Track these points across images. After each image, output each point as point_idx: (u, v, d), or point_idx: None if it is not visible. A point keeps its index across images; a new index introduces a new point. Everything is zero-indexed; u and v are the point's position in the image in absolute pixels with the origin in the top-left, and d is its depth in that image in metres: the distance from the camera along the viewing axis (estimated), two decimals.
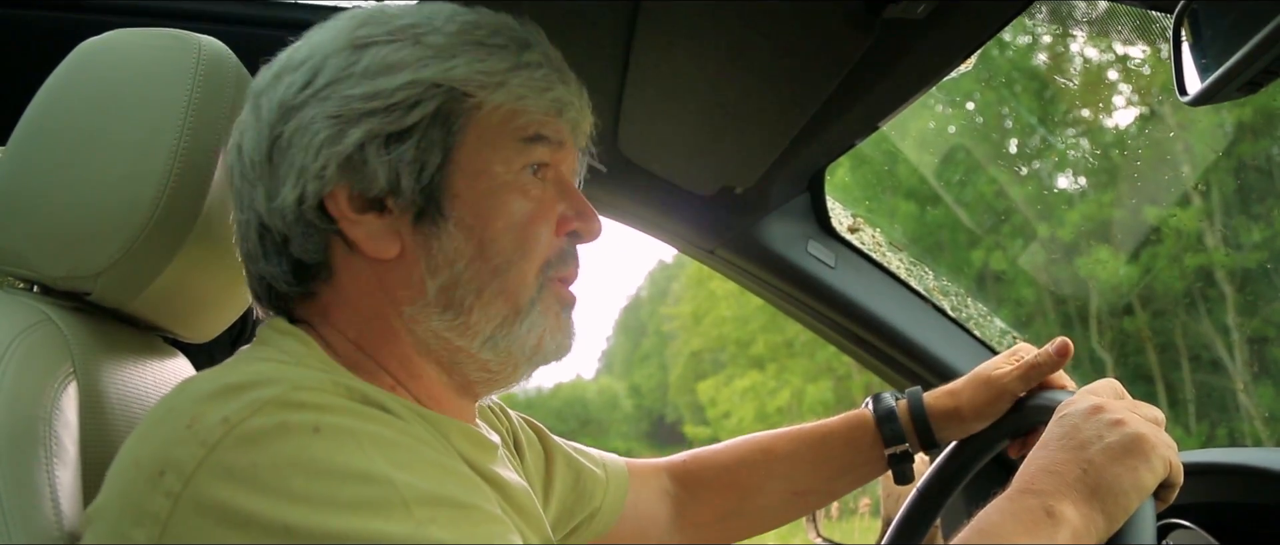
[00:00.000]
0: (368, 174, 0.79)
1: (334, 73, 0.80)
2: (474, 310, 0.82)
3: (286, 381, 0.69)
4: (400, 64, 0.80)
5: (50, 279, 0.89)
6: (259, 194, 0.82)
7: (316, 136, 0.78)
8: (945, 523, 1.74)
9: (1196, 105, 0.83)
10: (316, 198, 0.79)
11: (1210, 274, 8.99)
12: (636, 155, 1.44)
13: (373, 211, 0.81)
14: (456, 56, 0.81)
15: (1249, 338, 8.71)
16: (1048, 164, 10.33)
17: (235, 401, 0.66)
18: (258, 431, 0.65)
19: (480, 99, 0.82)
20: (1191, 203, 8.83)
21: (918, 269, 1.73)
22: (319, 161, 0.78)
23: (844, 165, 1.55)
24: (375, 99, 0.79)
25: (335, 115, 0.78)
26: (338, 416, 0.67)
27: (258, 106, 0.83)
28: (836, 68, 1.04)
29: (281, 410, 0.66)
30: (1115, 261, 9.52)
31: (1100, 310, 9.67)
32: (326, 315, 0.84)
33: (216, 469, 0.63)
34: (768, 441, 1.28)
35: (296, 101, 0.80)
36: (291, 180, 0.79)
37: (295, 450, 0.64)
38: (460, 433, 0.85)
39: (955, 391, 1.20)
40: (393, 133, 0.79)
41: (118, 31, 0.95)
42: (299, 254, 0.82)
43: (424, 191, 0.80)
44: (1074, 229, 9.81)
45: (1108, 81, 9.08)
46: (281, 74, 0.83)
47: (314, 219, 0.80)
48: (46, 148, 0.89)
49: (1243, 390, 8.63)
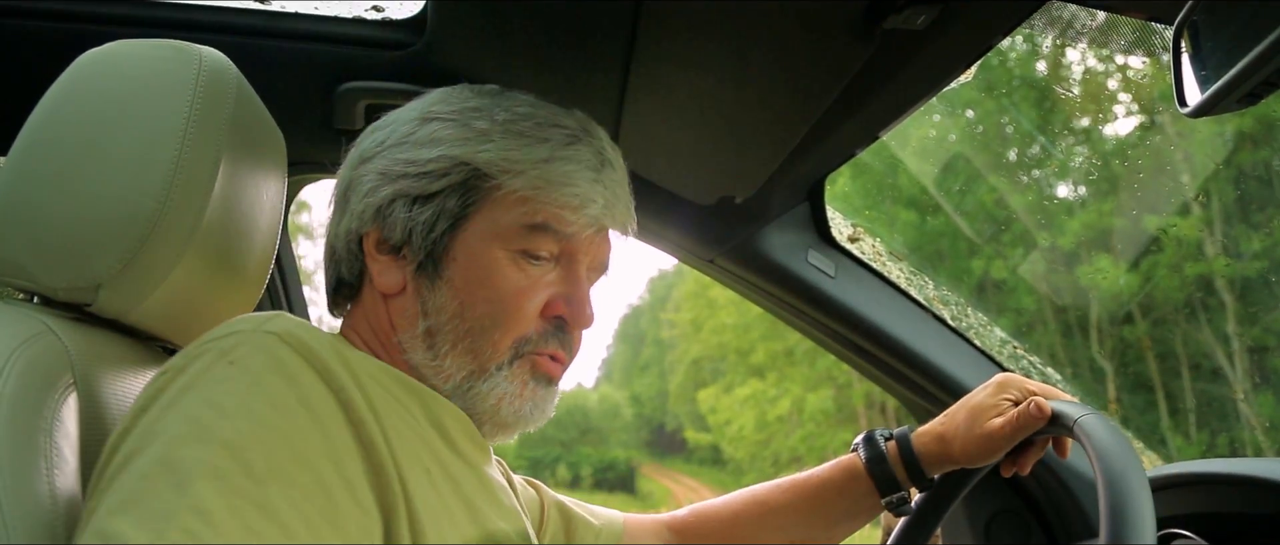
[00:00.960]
0: (391, 224, 0.95)
1: (398, 137, 0.96)
2: (448, 358, 0.95)
3: (259, 325, 0.81)
4: (442, 140, 0.94)
5: (51, 290, 0.89)
6: (334, 221, 1.00)
7: (366, 186, 0.96)
8: (945, 532, 1.74)
9: (1196, 117, 0.83)
10: (358, 234, 0.97)
11: (1210, 283, 9.00)
12: (636, 165, 1.44)
13: (391, 255, 0.96)
14: (490, 142, 0.94)
15: (1249, 346, 8.72)
16: (1048, 173, 10.34)
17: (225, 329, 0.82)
18: (205, 349, 0.79)
19: (500, 182, 0.94)
20: (1192, 212, 8.84)
21: (918, 278, 1.73)
22: (361, 206, 0.96)
23: (844, 174, 1.56)
24: (412, 165, 0.94)
25: (382, 172, 0.95)
26: (263, 355, 0.79)
27: (352, 153, 1.01)
28: (837, 78, 1.04)
29: (231, 338, 0.80)
30: (1115, 270, 9.52)
31: (1100, 319, 9.67)
32: (349, 321, 1.01)
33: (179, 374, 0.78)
34: (764, 494, 1.30)
35: (369, 154, 0.98)
36: (348, 216, 0.97)
37: (203, 372, 0.77)
38: (457, 420, 0.95)
39: (947, 439, 1.19)
40: (418, 195, 0.94)
41: (118, 43, 0.95)
42: (343, 273, 1.00)
43: (427, 249, 0.95)
44: (1074, 238, 9.82)
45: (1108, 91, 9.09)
46: (377, 129, 1.00)
47: (354, 249, 0.98)
48: (47, 158, 0.89)
49: (1243, 399, 8.63)
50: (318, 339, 0.83)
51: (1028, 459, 1.20)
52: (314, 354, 0.80)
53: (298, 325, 0.83)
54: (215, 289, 1.00)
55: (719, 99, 1.18)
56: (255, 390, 0.76)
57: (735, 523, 1.29)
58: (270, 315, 0.83)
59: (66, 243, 0.87)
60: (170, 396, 0.75)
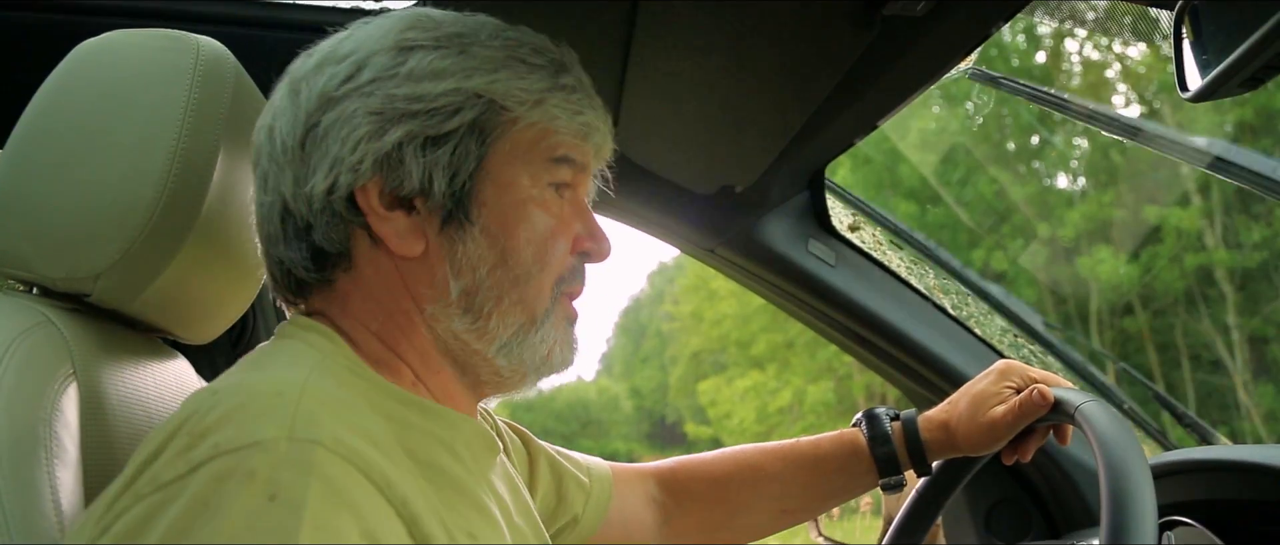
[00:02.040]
0: (402, 173, 0.81)
1: (378, 70, 0.82)
2: (493, 316, 0.84)
3: (291, 424, 0.66)
4: (445, 71, 0.82)
5: (50, 281, 0.88)
6: (287, 178, 0.83)
7: (356, 130, 0.80)
8: (946, 521, 1.74)
9: (1197, 101, 0.83)
10: (348, 189, 0.81)
11: (1210, 274, 9.01)
12: (636, 154, 1.44)
13: (401, 209, 0.83)
14: (500, 70, 0.83)
15: (1249, 337, 8.73)
16: (1047, 163, 10.33)
17: (237, 428, 0.65)
18: (226, 471, 0.62)
19: (517, 114, 0.84)
20: (1192, 202, 8.84)
21: (918, 267, 1.73)
22: (356, 155, 0.80)
23: (844, 165, 1.56)
24: (418, 102, 0.81)
25: (377, 112, 0.81)
26: (304, 489, 0.63)
27: (296, 92, 0.84)
28: (836, 66, 1.04)
29: (262, 456, 0.63)
30: (1115, 261, 9.52)
31: (1101, 310, 9.68)
32: (346, 306, 0.85)
33: (182, 492, 0.62)
34: (759, 460, 1.28)
35: (338, 93, 0.82)
36: (324, 169, 0.81)
37: (237, 511, 0.61)
38: (473, 431, 0.87)
39: (951, 427, 1.19)
40: (431, 136, 0.81)
41: (116, 32, 0.94)
42: (321, 242, 0.83)
43: (454, 196, 0.82)
44: (1074, 229, 9.82)
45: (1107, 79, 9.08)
46: (324, 64, 0.84)
47: (341, 209, 0.82)
48: (45, 149, 0.89)
49: (1243, 389, 8.63)
50: (363, 426, 0.70)
51: (1029, 447, 1.20)
52: (372, 464, 0.67)
53: (336, 416, 0.69)
54: (215, 280, 1.00)
55: (718, 88, 1.17)
56: (315, 531, 0.60)
57: (726, 484, 1.27)
58: (294, 407, 0.67)
59: (65, 233, 0.87)
60: (169, 523, 0.61)
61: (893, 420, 1.23)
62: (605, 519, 1.21)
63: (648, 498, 1.27)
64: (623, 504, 1.24)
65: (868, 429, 1.23)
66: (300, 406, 0.67)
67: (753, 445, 1.30)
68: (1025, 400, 1.12)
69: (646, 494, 1.27)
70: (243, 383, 0.72)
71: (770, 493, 1.26)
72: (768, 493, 1.26)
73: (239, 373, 0.78)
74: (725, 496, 1.27)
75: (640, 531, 1.26)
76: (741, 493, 1.27)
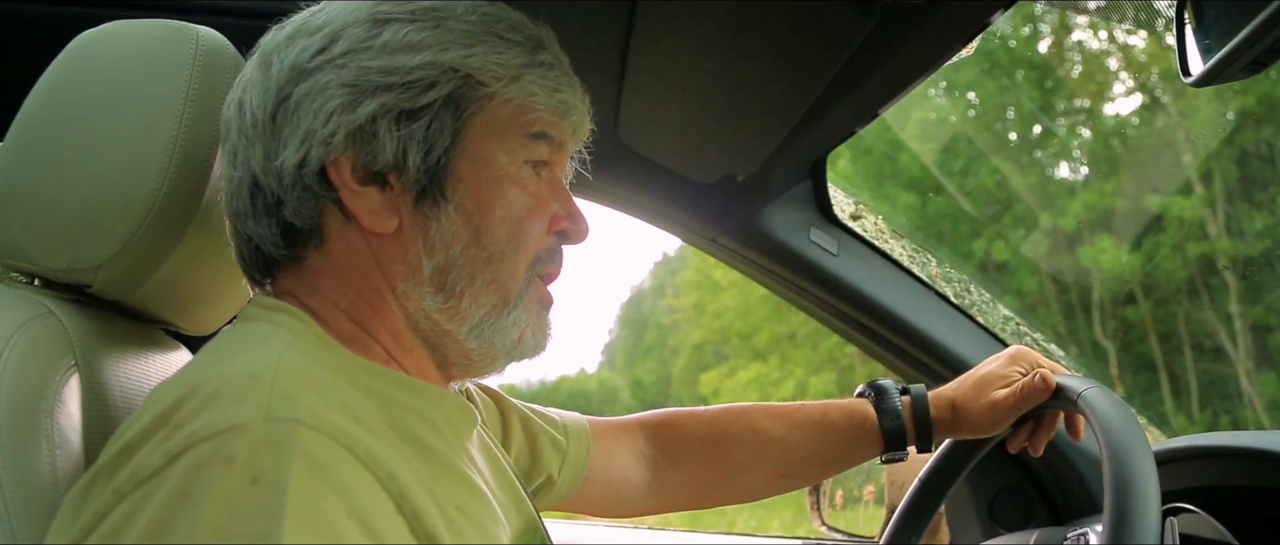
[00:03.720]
0: (375, 147, 0.79)
1: (352, 42, 0.80)
2: (465, 296, 0.83)
3: (267, 405, 0.64)
4: (421, 44, 0.80)
5: (51, 272, 0.88)
6: (257, 152, 0.81)
7: (329, 103, 0.79)
8: (949, 509, 1.74)
9: (1200, 86, 0.83)
10: (319, 163, 0.79)
11: (1213, 262, 8.99)
12: (637, 143, 1.44)
13: (374, 185, 0.81)
14: (476, 45, 0.82)
15: (1251, 325, 8.72)
16: (1049, 152, 10.31)
17: (211, 414, 0.64)
18: (206, 458, 0.61)
19: (494, 90, 0.82)
20: (1194, 191, 8.82)
21: (920, 256, 1.73)
22: (329, 127, 0.79)
23: (845, 156, 1.55)
24: (393, 74, 0.79)
25: (350, 84, 0.79)
26: (286, 469, 0.61)
27: (267, 64, 0.83)
28: (837, 53, 1.04)
29: (241, 440, 0.62)
30: (1118, 250, 9.51)
31: (1103, 299, 9.67)
32: (315, 285, 0.83)
33: (161, 484, 0.61)
34: (763, 421, 1.26)
35: (310, 65, 0.80)
36: (295, 142, 0.79)
37: (222, 496, 0.59)
38: (453, 404, 0.86)
39: (958, 406, 1.19)
40: (406, 110, 0.79)
41: (115, 23, 0.94)
42: (291, 217, 0.81)
43: (428, 172, 0.81)
44: (1076, 218, 9.80)
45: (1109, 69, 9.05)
46: (295, 36, 0.83)
47: (313, 184, 0.80)
48: (45, 140, 0.89)
49: (1245, 377, 8.63)
50: (343, 401, 0.69)
51: (1039, 438, 1.19)
52: (356, 439, 0.66)
53: (314, 392, 0.67)
54: (216, 270, 1.00)
55: (719, 76, 1.17)
56: (301, 526, 0.59)
57: (725, 442, 1.25)
58: (269, 387, 0.65)
59: (65, 224, 0.87)
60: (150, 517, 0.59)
61: (902, 394, 1.22)
62: (585, 477, 1.19)
63: (635, 453, 1.25)
64: (605, 461, 1.21)
65: (877, 402, 1.22)
66: (276, 386, 0.66)
67: (754, 404, 1.28)
68: (1027, 385, 1.12)
69: (634, 449, 1.25)
70: (214, 369, 0.70)
71: (772, 455, 1.25)
72: (769, 455, 1.25)
73: (207, 358, 0.76)
74: (724, 455, 1.25)
75: (626, 489, 1.24)
76: (741, 452, 1.25)
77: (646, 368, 29.07)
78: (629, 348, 29.99)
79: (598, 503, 1.24)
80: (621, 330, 31.60)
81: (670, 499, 1.29)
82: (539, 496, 1.14)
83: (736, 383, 20.45)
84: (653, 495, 1.26)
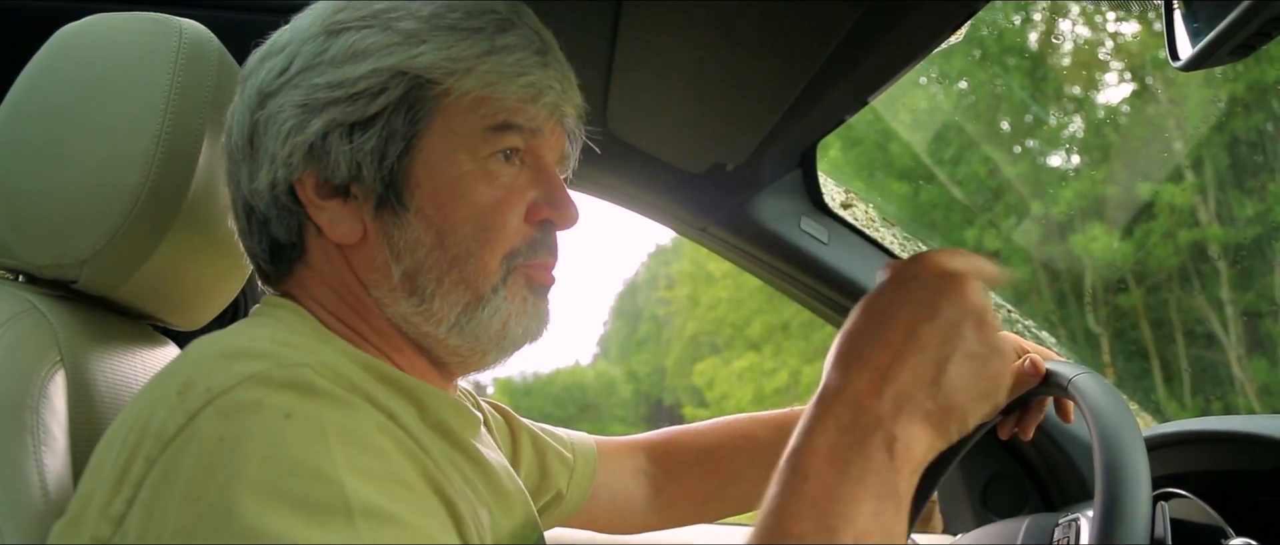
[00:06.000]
0: (331, 163, 0.80)
1: (306, 60, 0.81)
2: (436, 298, 0.83)
3: (274, 357, 0.68)
4: (366, 51, 0.80)
5: (35, 267, 0.88)
6: (243, 174, 0.84)
7: (284, 125, 0.80)
8: (942, 496, 1.74)
9: (1189, 70, 0.82)
10: (286, 183, 0.81)
11: (1204, 249, 9.02)
12: (626, 133, 1.43)
13: (338, 198, 0.82)
14: (424, 43, 0.80)
15: (1243, 312, 8.75)
16: (1041, 140, 10.32)
17: (223, 371, 0.66)
18: (232, 406, 0.64)
19: (447, 86, 0.81)
20: (1185, 178, 8.84)
21: (911, 244, 1.73)
22: (286, 149, 0.80)
23: (837, 146, 1.55)
24: (339, 88, 0.79)
25: (301, 104, 0.80)
26: (314, 402, 0.66)
27: (244, 89, 0.85)
28: (826, 39, 1.03)
29: (261, 387, 0.65)
30: (1109, 238, 9.53)
31: (1095, 286, 9.69)
32: (308, 291, 0.85)
33: (189, 440, 0.63)
34: (751, 428, 1.27)
35: (272, 88, 0.82)
36: (265, 166, 0.81)
37: (260, 433, 0.63)
38: (446, 403, 0.85)
39: None
40: (356, 122, 0.80)
41: (97, 16, 0.93)
42: (277, 234, 0.84)
43: (384, 180, 0.81)
44: (1068, 206, 9.82)
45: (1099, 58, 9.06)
46: (264, 59, 0.84)
47: (286, 203, 0.82)
48: (27, 135, 0.88)
49: (1237, 364, 8.66)
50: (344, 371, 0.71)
51: (1028, 423, 1.19)
52: (358, 386, 0.70)
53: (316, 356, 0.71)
54: (202, 265, 1.00)
55: (707, 65, 1.16)
56: (346, 445, 0.64)
57: (716, 453, 1.26)
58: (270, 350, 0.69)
59: (49, 219, 0.86)
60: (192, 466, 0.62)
61: None
62: (591, 494, 1.20)
63: (637, 471, 1.26)
64: (610, 478, 1.23)
65: None
66: (276, 349, 0.69)
67: (747, 415, 1.29)
68: (1016, 370, 1.12)
69: (635, 467, 1.26)
70: (218, 345, 0.72)
71: (762, 461, 1.23)
72: (760, 460, 1.24)
73: (210, 338, 0.76)
74: (716, 466, 1.26)
75: (630, 505, 1.26)
76: (733, 461, 1.25)
77: (641, 360, 29.08)
78: (623, 339, 29.98)
79: (604, 519, 1.26)
80: (616, 322, 31.59)
81: (672, 514, 1.30)
82: (547, 512, 1.16)
83: (731, 373, 20.48)
84: (655, 510, 1.28)
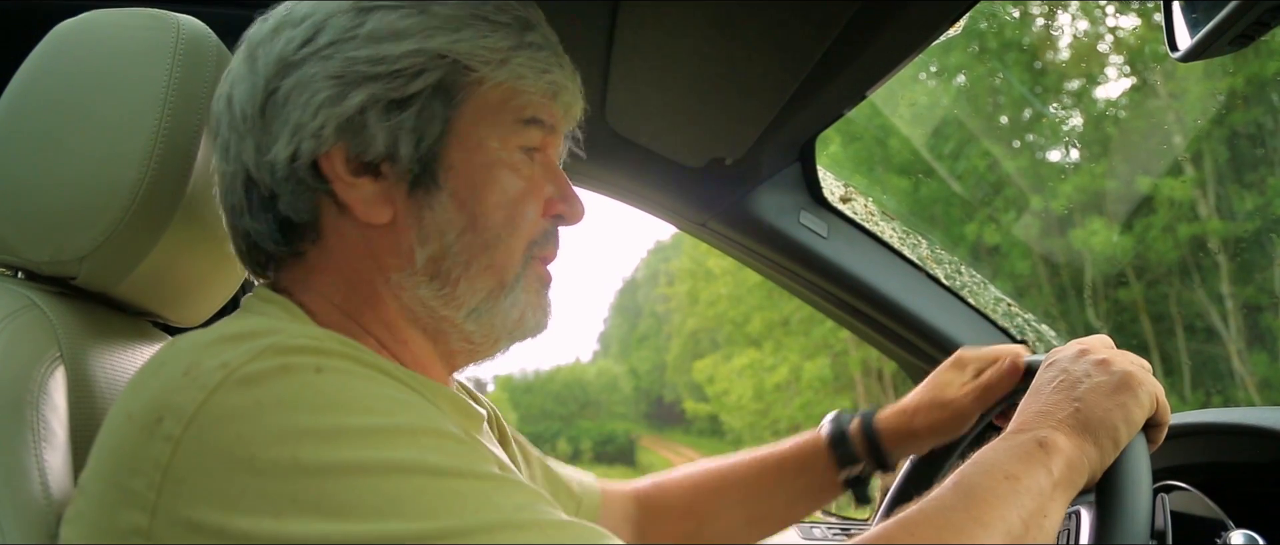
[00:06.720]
0: (366, 138, 0.79)
1: (337, 32, 0.80)
2: (460, 282, 0.83)
3: (284, 331, 0.69)
4: (406, 31, 0.80)
5: (34, 264, 0.88)
6: (248, 147, 0.81)
7: (316, 96, 0.78)
8: None
9: (1187, 61, 0.83)
10: (311, 156, 0.79)
11: (1204, 243, 9.02)
12: (625, 128, 1.44)
13: (367, 176, 0.81)
14: (463, 29, 0.81)
15: (1243, 305, 8.75)
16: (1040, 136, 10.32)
17: (233, 349, 0.66)
18: (258, 373, 0.64)
19: (482, 74, 0.82)
20: (1184, 172, 8.84)
21: (911, 238, 1.73)
22: (317, 120, 0.78)
23: (836, 141, 1.55)
24: (380, 64, 0.79)
25: (337, 76, 0.78)
26: (338, 360, 0.67)
27: (253, 58, 0.82)
28: (823, 34, 1.03)
29: (281, 354, 0.66)
30: (1109, 232, 9.54)
31: (1095, 281, 9.70)
32: (309, 279, 0.84)
33: (218, 410, 0.63)
34: (726, 468, 1.27)
35: (295, 57, 0.80)
36: (285, 136, 0.79)
37: (299, 387, 0.64)
38: (446, 398, 0.85)
39: (909, 412, 1.17)
40: (394, 99, 0.79)
41: (95, 12, 0.93)
42: (287, 211, 0.81)
43: (421, 160, 0.81)
44: (1068, 200, 9.82)
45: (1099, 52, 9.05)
46: (280, 28, 0.82)
47: (306, 177, 0.80)
48: (25, 132, 0.88)
49: (1237, 357, 8.67)
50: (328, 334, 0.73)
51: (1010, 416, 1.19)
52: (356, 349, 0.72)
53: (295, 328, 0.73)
54: (202, 261, 1.00)
55: (705, 59, 1.17)
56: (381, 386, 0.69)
57: (696, 494, 1.27)
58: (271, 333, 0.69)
59: (48, 216, 0.86)
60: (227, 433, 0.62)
61: (853, 418, 1.22)
62: None
63: (625, 516, 1.27)
64: (606, 521, 1.23)
65: (828, 427, 1.23)
66: (281, 325, 0.72)
67: (728, 455, 1.30)
68: (999, 371, 1.12)
69: (624, 513, 1.27)
70: (204, 335, 0.71)
71: (736, 498, 1.25)
72: (734, 498, 1.25)
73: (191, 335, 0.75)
74: (694, 507, 1.27)
75: None
76: (710, 501, 1.26)
77: (641, 356, 29.05)
78: (623, 336, 29.94)
79: None
80: (616, 319, 31.55)
81: None
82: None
83: (731, 370, 20.51)
84: None
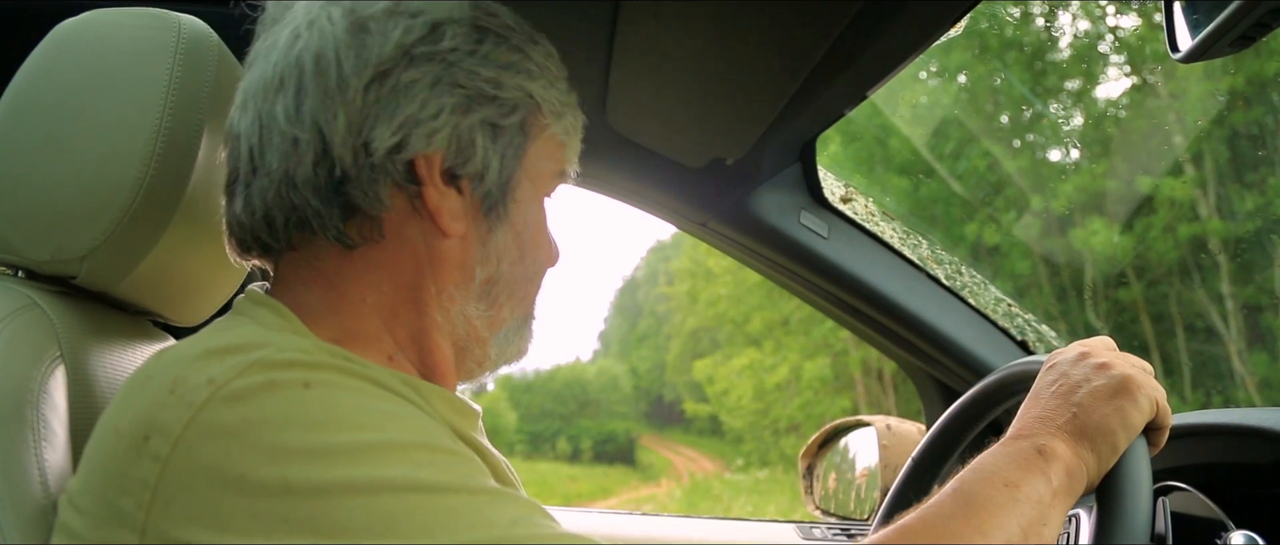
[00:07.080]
0: (470, 153, 0.81)
1: (458, 42, 0.80)
2: (505, 307, 0.88)
3: (271, 344, 0.68)
4: (514, 65, 0.83)
5: (35, 263, 0.88)
6: (336, 118, 0.76)
7: (442, 98, 0.78)
8: None
9: (1188, 62, 0.83)
10: (413, 153, 0.78)
11: (1204, 243, 9.01)
12: (625, 128, 1.43)
13: (453, 187, 0.82)
14: (541, 78, 0.86)
15: (1243, 305, 8.74)
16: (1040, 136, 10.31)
17: (219, 364, 0.66)
18: (245, 389, 0.64)
19: (548, 122, 0.87)
20: (1184, 172, 8.84)
21: (911, 239, 1.73)
22: (437, 122, 0.78)
23: (836, 141, 1.55)
24: (497, 88, 0.82)
25: (463, 86, 0.79)
26: (326, 373, 0.67)
27: (363, 30, 0.78)
28: (824, 34, 1.03)
29: (268, 369, 0.65)
30: (1109, 232, 9.53)
31: (1095, 281, 9.69)
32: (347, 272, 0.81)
33: (205, 429, 0.62)
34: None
35: (418, 51, 0.78)
36: (392, 124, 0.77)
37: (287, 404, 0.63)
38: (441, 397, 0.83)
39: None
40: (498, 125, 0.82)
41: (96, 12, 0.93)
42: (358, 200, 0.78)
43: (501, 187, 0.84)
44: (1068, 200, 9.81)
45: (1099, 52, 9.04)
46: (394, 13, 0.79)
47: (395, 170, 0.78)
48: (26, 131, 0.88)
49: (1237, 357, 8.66)
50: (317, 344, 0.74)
51: None
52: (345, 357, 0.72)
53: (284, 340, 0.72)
54: (202, 260, 1.00)
55: (706, 59, 1.16)
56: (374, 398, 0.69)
57: None
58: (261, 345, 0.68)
59: (49, 215, 0.86)
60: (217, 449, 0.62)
61: None
62: None
63: None
64: None
65: None
66: (270, 336, 0.71)
67: None
68: None
69: None
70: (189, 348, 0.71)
71: None
72: None
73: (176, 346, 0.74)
74: None
75: None
76: None
77: (641, 356, 29.04)
78: (623, 336, 29.95)
79: None
80: (616, 318, 31.57)
81: None
82: None
83: (731, 369, 20.50)
84: None
